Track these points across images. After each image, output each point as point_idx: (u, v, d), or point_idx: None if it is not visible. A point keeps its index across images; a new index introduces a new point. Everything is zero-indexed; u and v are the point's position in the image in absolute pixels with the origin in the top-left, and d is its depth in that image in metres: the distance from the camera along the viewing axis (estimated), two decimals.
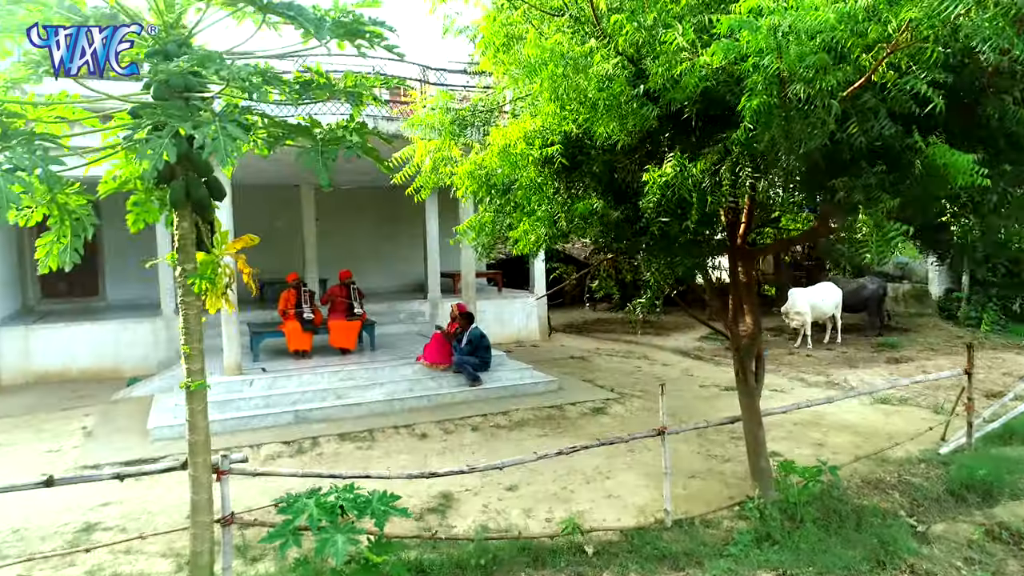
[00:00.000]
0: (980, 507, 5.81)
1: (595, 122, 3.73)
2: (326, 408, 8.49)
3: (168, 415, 7.95)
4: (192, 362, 4.05)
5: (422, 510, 5.87)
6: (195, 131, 3.11)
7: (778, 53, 2.85)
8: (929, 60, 3.11)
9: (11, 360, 10.82)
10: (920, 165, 3.49)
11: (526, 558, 4.94)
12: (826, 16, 2.66)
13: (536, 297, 14.79)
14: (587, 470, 6.75)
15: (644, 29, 3.70)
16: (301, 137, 3.77)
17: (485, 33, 4.32)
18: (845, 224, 3.75)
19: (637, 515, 5.71)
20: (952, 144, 3.73)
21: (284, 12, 3.41)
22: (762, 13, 2.75)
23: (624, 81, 3.55)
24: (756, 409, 5.56)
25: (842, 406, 8.90)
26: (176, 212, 3.90)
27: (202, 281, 4.04)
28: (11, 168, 2.91)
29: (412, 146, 5.23)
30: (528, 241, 4.38)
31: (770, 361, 12.56)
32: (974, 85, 3.81)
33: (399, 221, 15.57)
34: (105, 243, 13.75)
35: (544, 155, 4.06)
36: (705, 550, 5.04)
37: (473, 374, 9.47)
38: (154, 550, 5.25)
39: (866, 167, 3.71)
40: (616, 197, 4.12)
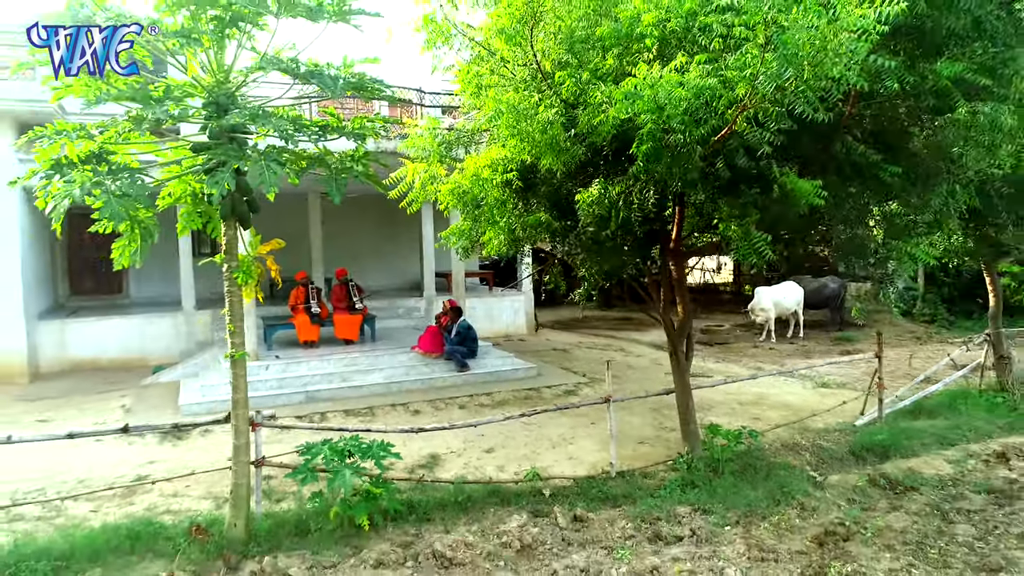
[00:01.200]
0: (873, 464, 7.05)
1: (541, 156, 4.97)
2: (332, 389, 9.75)
3: (196, 394, 9.20)
4: (235, 337, 5.29)
5: (413, 466, 7.10)
6: (246, 167, 4.35)
7: (657, 115, 4.09)
8: (773, 116, 4.35)
9: (49, 350, 12.06)
10: (778, 189, 4.73)
11: (495, 499, 6.17)
12: (682, 92, 3.89)
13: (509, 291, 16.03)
14: (554, 437, 8.00)
15: (580, 84, 4.94)
16: (319, 166, 5.02)
17: (460, 83, 5.57)
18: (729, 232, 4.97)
19: (589, 469, 6.94)
20: (813, 172, 5.00)
21: (308, 77, 4.65)
22: (640, 90, 3.98)
23: (560, 127, 4.79)
24: (686, 383, 6.79)
25: (784, 388, 10.15)
26: (224, 223, 5.14)
27: (243, 275, 5.27)
28: (121, 195, 4.15)
29: (405, 168, 6.46)
30: (493, 245, 5.61)
31: (735, 353, 13.82)
32: (830, 125, 5.04)
33: (398, 225, 16.79)
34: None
35: (505, 179, 5.29)
36: (640, 493, 6.27)
37: (462, 361, 10.72)
38: (196, 494, 6.49)
39: (744, 189, 4.95)
40: (559, 211, 5.34)
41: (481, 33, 5.70)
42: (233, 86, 4.95)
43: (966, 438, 7.69)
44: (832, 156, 5.06)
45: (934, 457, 7.11)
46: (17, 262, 11.18)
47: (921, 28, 4.49)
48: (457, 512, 5.90)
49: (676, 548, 5.23)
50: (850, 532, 5.42)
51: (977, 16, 4.44)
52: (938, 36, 4.55)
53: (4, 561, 4.81)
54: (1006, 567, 4.80)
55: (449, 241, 6.35)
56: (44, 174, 4.33)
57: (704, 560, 4.97)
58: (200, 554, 5.08)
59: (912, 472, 6.70)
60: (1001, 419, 8.35)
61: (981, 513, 5.79)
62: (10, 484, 6.55)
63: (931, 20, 4.41)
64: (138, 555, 5.13)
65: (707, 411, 8.82)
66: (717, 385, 8.19)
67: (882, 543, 5.26)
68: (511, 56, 4.96)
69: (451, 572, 4.92)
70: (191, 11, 4.59)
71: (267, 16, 4.69)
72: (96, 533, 5.36)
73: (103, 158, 4.41)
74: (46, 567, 4.81)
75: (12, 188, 4.68)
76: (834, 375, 11.19)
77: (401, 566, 4.97)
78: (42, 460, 7.12)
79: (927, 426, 8.08)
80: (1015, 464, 6.86)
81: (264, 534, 5.37)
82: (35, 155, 4.53)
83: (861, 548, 5.19)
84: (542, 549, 5.24)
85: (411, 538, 5.39)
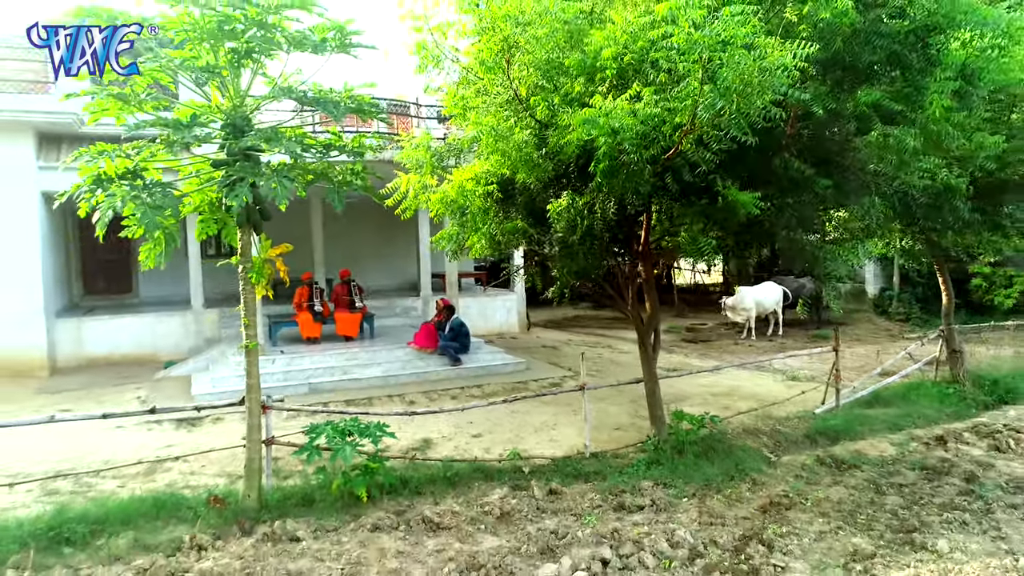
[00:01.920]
0: (824, 446, 7.77)
1: (517, 171, 5.69)
2: (334, 381, 10.47)
3: (208, 386, 9.92)
4: (249, 329, 6.00)
5: (407, 449, 7.81)
6: (261, 182, 5.06)
7: (611, 138, 4.80)
8: (714, 138, 5.06)
9: (66, 346, 12.78)
10: (722, 200, 5.44)
11: (480, 475, 6.89)
12: (632, 120, 4.60)
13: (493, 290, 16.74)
14: (537, 424, 8.72)
15: (552, 108, 5.66)
16: (324, 180, 5.74)
17: (448, 105, 6.29)
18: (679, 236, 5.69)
19: (567, 450, 7.66)
20: (756, 185, 5.72)
21: (315, 103, 5.37)
22: (597, 117, 4.69)
23: (533, 146, 5.51)
24: (654, 372, 7.50)
25: (757, 381, 10.87)
26: (240, 229, 5.86)
27: (256, 275, 5.99)
28: (155, 206, 4.86)
29: (400, 179, 7.16)
30: (477, 248, 6.32)
31: (716, 350, 14.55)
32: (773, 143, 5.76)
33: (396, 229, 17.47)
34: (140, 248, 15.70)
35: (486, 190, 6.00)
36: (609, 470, 6.99)
37: (455, 356, 11.45)
38: (211, 472, 7.20)
39: (694, 200, 5.67)
40: (534, 219, 6.05)
41: (468, 56, 6.42)
42: (248, 110, 5.67)
43: (914, 424, 8.42)
44: (772, 170, 5.76)
45: (880, 440, 7.83)
46: (38, 263, 11.90)
47: (843, 62, 5.20)
48: (445, 486, 6.61)
49: (637, 515, 5.94)
50: (792, 502, 6.14)
51: (891, 51, 5.16)
52: (860, 68, 5.27)
53: (48, 524, 5.52)
54: (919, 528, 5.52)
55: (439, 244, 7.05)
56: (88, 188, 5.04)
57: (660, 524, 5.68)
58: (218, 520, 5.79)
59: (858, 453, 7.41)
60: (950, 408, 9.07)
61: (911, 487, 6.50)
62: (44, 464, 7.27)
63: (850, 55, 5.13)
64: (163, 520, 5.84)
65: (682, 401, 9.52)
66: (684, 376, 8.89)
67: (819, 511, 5.98)
68: (491, 85, 5.67)
69: (439, 534, 5.63)
70: (211, 44, 5.31)
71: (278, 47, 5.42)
72: (126, 502, 6.07)
73: (138, 174, 5.13)
74: (84, 529, 5.53)
75: (59, 199, 5.35)
76: (805, 369, 11.92)
77: (395, 530, 5.68)
78: (71, 444, 7.83)
79: (880, 413, 8.80)
80: (952, 446, 7.57)
81: (274, 504, 6.08)
82: (78, 170, 5.24)
83: (799, 514, 5.91)
84: (519, 516, 5.95)
85: (404, 507, 6.10)
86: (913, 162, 5.26)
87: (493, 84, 5.75)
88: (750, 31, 4.47)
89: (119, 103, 5.23)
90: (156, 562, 5.01)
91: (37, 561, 5.06)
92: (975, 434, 7.92)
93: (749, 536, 5.43)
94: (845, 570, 4.93)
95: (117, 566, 5.06)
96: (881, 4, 4.87)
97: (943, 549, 5.12)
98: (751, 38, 4.45)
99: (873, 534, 5.51)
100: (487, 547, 5.30)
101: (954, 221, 6.42)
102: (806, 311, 16.08)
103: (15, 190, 11.61)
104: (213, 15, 5.03)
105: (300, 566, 5.00)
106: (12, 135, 11.51)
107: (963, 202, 5.99)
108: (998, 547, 5.19)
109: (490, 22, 5.40)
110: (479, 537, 5.54)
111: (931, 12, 5.10)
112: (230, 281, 15.14)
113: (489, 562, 5.01)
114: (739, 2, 4.46)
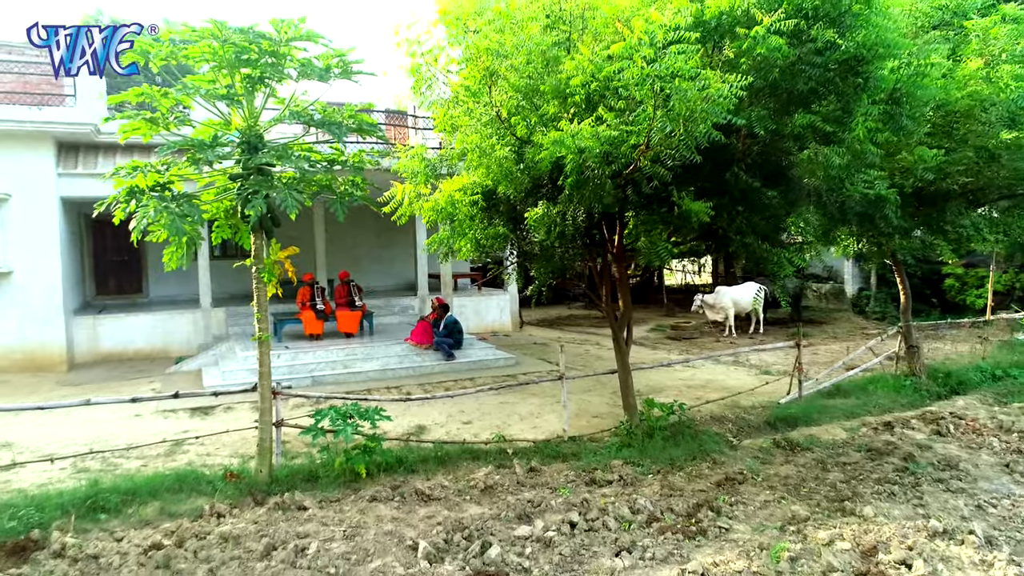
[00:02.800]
0: (783, 431, 8.51)
1: (499, 183, 6.44)
2: (335, 374, 11.23)
3: (219, 378, 10.68)
4: (261, 323, 6.75)
5: (403, 433, 8.56)
6: (274, 194, 5.81)
7: (577, 156, 5.56)
8: (669, 156, 5.81)
9: (83, 343, 13.54)
10: (678, 209, 6.20)
11: (468, 456, 7.63)
12: (594, 142, 5.35)
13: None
14: (523, 412, 9.47)
15: (530, 126, 6.42)
16: (328, 191, 6.49)
17: (438, 123, 7.05)
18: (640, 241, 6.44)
19: (548, 435, 8.41)
20: (710, 195, 6.47)
21: (321, 124, 6.12)
22: (565, 138, 5.44)
23: (512, 161, 6.27)
24: (627, 364, 8.25)
25: (731, 375, 11.62)
26: (254, 234, 6.61)
27: (268, 274, 6.73)
28: (182, 215, 5.61)
29: (395, 188, 7.91)
30: (464, 252, 7.08)
31: (697, 346, 15.31)
32: (726, 158, 6.50)
33: (394, 232, 18.21)
34: (149, 250, 16.48)
35: (472, 200, 6.76)
36: (585, 452, 7.73)
37: (449, 351, 12.21)
38: (225, 454, 7.95)
39: (655, 208, 6.43)
40: (514, 225, 6.80)
41: (456, 78, 7.18)
42: (261, 129, 6.42)
43: (868, 412, 9.17)
44: (725, 182, 6.51)
45: (834, 426, 8.58)
46: (58, 265, 12.67)
47: (781, 89, 5.95)
48: (436, 465, 7.35)
49: (606, 488, 6.69)
50: (745, 478, 6.89)
51: (823, 79, 5.91)
52: (796, 94, 6.02)
53: (85, 495, 6.27)
54: (852, 498, 6.27)
55: (431, 248, 7.81)
56: (123, 199, 5.79)
57: (625, 496, 6.43)
58: (234, 492, 6.54)
59: (812, 437, 8.17)
60: (904, 398, 9.82)
61: (854, 465, 7.25)
62: (71, 447, 8.02)
63: (787, 83, 5.88)
64: (185, 493, 6.58)
65: (659, 392, 10.26)
66: (661, 368, 9.65)
67: (767, 485, 6.74)
68: (475, 107, 6.42)
69: (430, 504, 6.37)
70: (229, 71, 6.06)
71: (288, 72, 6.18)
72: (152, 477, 6.83)
73: (166, 187, 5.89)
74: (116, 499, 6.28)
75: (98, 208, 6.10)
76: (778, 364, 12.68)
77: (391, 501, 6.43)
78: (94, 430, 8.60)
79: (839, 403, 9.56)
80: (898, 431, 8.32)
81: (283, 479, 6.83)
82: (113, 182, 6.00)
83: (750, 488, 6.66)
84: (501, 489, 6.69)
85: (399, 483, 6.84)
86: (847, 176, 6.00)
87: (477, 107, 6.49)
88: (694, 65, 5.22)
89: (149, 125, 5.99)
90: (182, 525, 5.76)
91: (77, 525, 5.81)
92: (922, 420, 8.67)
93: (701, 504, 6.18)
94: (781, 531, 5.67)
95: (147, 530, 5.80)
96: (811, 40, 5.60)
97: (868, 514, 5.86)
98: (695, 71, 5.19)
99: (811, 503, 6.26)
100: (472, 514, 6.04)
101: (885, 227, 7.18)
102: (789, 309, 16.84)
103: (37, 195, 12.37)
104: (232, 47, 5.79)
105: (307, 529, 5.73)
106: (35, 145, 12.28)
107: (893, 211, 6.73)
108: (916, 512, 5.94)
109: (474, 53, 6.14)
110: (465, 506, 6.29)
111: (859, 44, 5.84)
112: (235, 282, 16.00)
113: (472, 525, 5.75)
114: (685, 41, 5.20)
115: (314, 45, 6.15)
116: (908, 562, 4.94)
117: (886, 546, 5.19)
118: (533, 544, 5.41)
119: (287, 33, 5.91)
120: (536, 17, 6.20)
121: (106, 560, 5.20)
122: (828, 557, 5.02)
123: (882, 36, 5.77)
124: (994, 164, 7.92)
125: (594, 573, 4.97)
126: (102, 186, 12.32)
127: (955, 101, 7.71)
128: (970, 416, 8.73)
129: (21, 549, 5.44)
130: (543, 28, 6.44)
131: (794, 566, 4.93)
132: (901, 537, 5.31)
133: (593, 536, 5.58)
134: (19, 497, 6.32)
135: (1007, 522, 5.78)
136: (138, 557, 5.21)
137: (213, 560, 5.17)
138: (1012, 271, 16.95)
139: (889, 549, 5.14)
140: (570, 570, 5.05)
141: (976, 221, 8.76)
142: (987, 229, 8.77)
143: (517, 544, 5.41)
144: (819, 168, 5.77)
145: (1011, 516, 5.90)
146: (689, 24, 5.23)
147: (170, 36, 6.03)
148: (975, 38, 8.00)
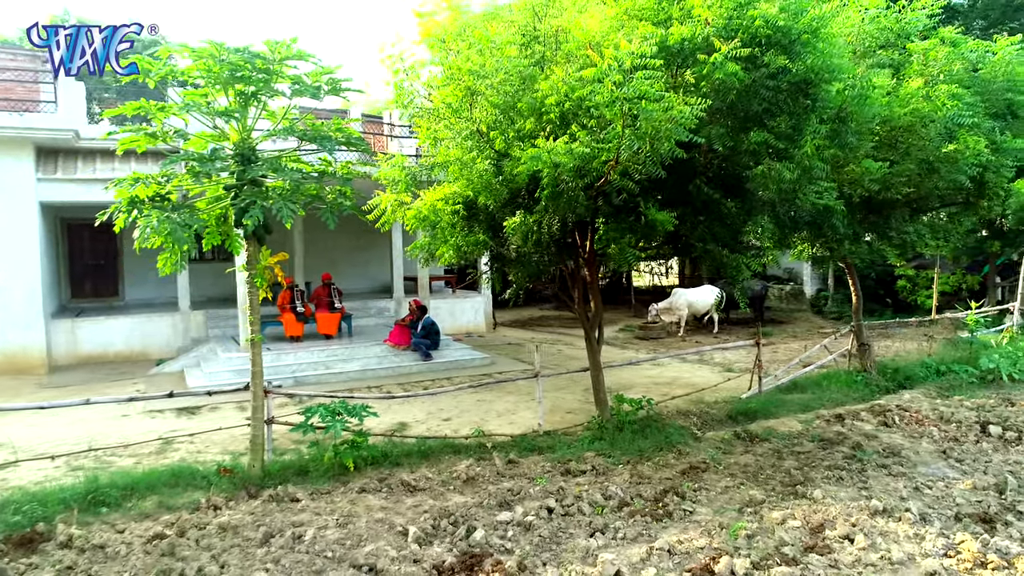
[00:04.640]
0: (742, 424, 9.11)
1: (479, 194, 6.91)
2: (317, 375, 11.58)
3: (203, 379, 10.96)
4: (253, 324, 7.13)
5: (386, 430, 8.97)
6: (269, 204, 6.20)
7: (552, 170, 6.04)
8: (636, 170, 6.32)
9: (62, 346, 13.66)
10: (644, 218, 6.72)
11: (449, 450, 8.08)
12: (567, 158, 5.84)
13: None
14: (500, 409, 9.94)
15: (508, 141, 6.89)
16: (319, 201, 6.89)
17: (420, 136, 7.48)
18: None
19: (524, 430, 8.89)
20: (675, 205, 7.00)
21: (312, 138, 6.52)
22: (541, 154, 5.92)
23: (491, 174, 6.73)
24: (598, 362, 8.77)
25: (696, 372, 12.22)
26: (247, 241, 6.97)
27: (259, 279, 7.10)
28: (183, 225, 5.97)
29: (378, 197, 8.31)
30: (445, 258, 7.53)
31: (664, 345, 15.93)
32: (690, 171, 7.03)
33: (370, 236, 18.53)
34: (125, 253, 16.60)
35: (453, 209, 7.21)
36: (560, 444, 8.23)
37: (426, 352, 12.63)
38: (215, 451, 8.28)
39: (624, 217, 6.95)
40: (493, 233, 7.27)
41: (438, 94, 7.62)
42: (255, 142, 6.80)
43: (822, 406, 9.82)
44: (688, 194, 7.06)
45: (791, 419, 9.20)
46: (37, 268, 12.79)
47: (737, 109, 6.51)
48: (420, 459, 7.78)
49: (580, 477, 7.18)
50: (708, 466, 7.44)
51: (775, 101, 6.48)
52: (752, 114, 6.59)
53: (86, 489, 6.58)
54: (804, 482, 6.85)
55: (413, 254, 8.23)
56: (124, 208, 6.12)
57: (598, 484, 6.93)
58: (228, 486, 6.90)
59: (770, 429, 8.77)
60: (856, 393, 10.50)
61: (807, 453, 7.85)
62: (63, 447, 8.27)
63: (743, 104, 6.44)
64: (181, 487, 6.92)
65: (628, 389, 10.80)
66: (629, 366, 10.20)
67: (727, 472, 7.29)
68: (456, 123, 6.88)
69: (416, 494, 6.80)
70: (224, 87, 6.43)
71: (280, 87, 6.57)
72: (148, 473, 7.15)
73: (165, 197, 6.25)
74: (116, 494, 6.60)
75: (100, 218, 6.42)
76: (741, 362, 13.33)
77: (379, 492, 6.85)
78: (83, 430, 8.85)
79: (795, 398, 10.20)
80: (848, 423, 8.97)
81: (275, 473, 7.19)
82: (115, 192, 6.33)
83: (712, 475, 7.21)
84: (482, 480, 7.15)
85: (386, 475, 7.26)
86: (798, 188, 6.58)
87: (459, 122, 6.94)
88: (659, 88, 5.74)
89: (148, 138, 6.33)
90: (182, 517, 6.11)
91: (79, 519, 6.12)
92: (871, 413, 9.33)
93: (668, 490, 6.71)
94: (739, 512, 6.22)
95: (147, 522, 6.14)
96: (765, 65, 6.16)
97: (818, 496, 6.45)
98: (660, 94, 5.71)
99: (767, 488, 6.83)
100: (456, 502, 6.49)
101: (833, 235, 7.81)
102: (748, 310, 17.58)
103: (17, 200, 12.50)
104: (228, 65, 6.17)
105: (302, 518, 6.12)
106: (15, 150, 12.40)
107: (840, 219, 7.34)
108: (861, 494, 6.54)
109: (456, 73, 6.60)
110: (449, 496, 6.73)
111: (808, 68, 6.43)
112: (213, 285, 16.23)
113: (457, 512, 6.20)
114: (650, 68, 5.72)
115: (304, 63, 6.56)
116: (851, 536, 5.52)
117: (832, 523, 5.77)
118: (514, 528, 5.88)
119: (280, 53, 6.30)
120: (513, 41, 6.68)
121: (112, 549, 5.54)
122: (781, 533, 5.58)
123: (828, 62, 6.35)
124: (934, 175, 8.60)
125: (571, 552, 5.46)
126: (82, 190, 12.65)
127: (898, 117, 8.37)
128: (914, 408, 9.41)
129: (28, 541, 5.74)
130: (519, 47, 6.92)
131: (750, 542, 5.48)
132: (846, 516, 5.90)
133: (569, 520, 6.07)
134: (20, 494, 6.60)
135: (940, 501, 6.41)
136: (143, 546, 5.56)
137: (215, 548, 5.55)
138: (959, 272, 17.88)
139: (835, 526, 5.72)
140: (549, 549, 5.53)
141: (919, 228, 9.47)
142: (929, 235, 9.48)
143: (500, 528, 5.88)
144: (772, 182, 6.34)
145: (944, 496, 6.53)
146: (654, 51, 5.74)
147: (168, 54, 6.39)
148: (916, 59, 8.68)
